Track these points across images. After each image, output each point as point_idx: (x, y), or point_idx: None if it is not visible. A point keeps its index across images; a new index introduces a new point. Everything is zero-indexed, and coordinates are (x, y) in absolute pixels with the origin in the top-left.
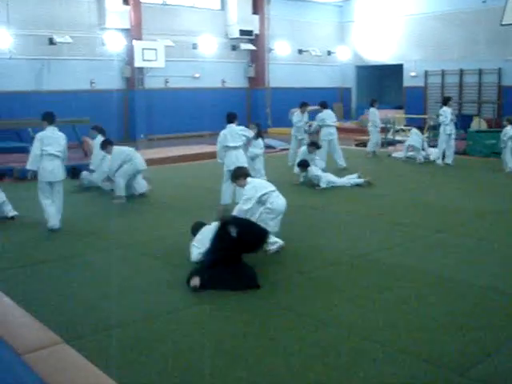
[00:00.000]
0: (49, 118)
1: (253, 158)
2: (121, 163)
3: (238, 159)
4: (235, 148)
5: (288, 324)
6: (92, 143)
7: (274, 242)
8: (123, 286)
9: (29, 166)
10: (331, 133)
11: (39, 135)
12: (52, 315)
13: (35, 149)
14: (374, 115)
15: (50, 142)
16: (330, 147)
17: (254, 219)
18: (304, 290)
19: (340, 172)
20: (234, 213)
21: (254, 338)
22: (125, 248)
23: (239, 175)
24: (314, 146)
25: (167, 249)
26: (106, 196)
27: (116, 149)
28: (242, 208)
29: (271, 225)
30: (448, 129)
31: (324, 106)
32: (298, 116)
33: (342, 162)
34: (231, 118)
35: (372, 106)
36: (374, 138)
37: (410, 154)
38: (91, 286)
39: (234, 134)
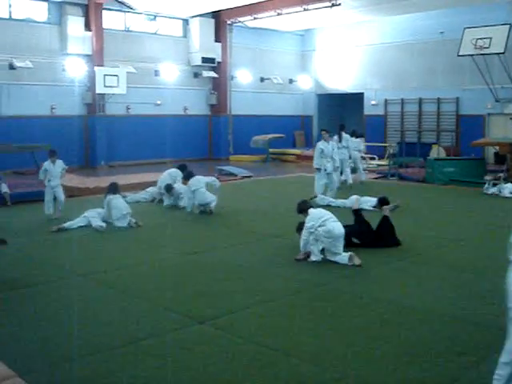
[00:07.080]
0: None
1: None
2: None
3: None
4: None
5: (250, 355)
6: None
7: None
8: (83, 317)
9: None
10: None
11: None
12: (5, 347)
13: None
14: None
15: None
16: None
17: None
18: (265, 318)
19: None
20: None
21: (215, 369)
22: (84, 277)
23: (302, 209)
24: None
25: (127, 279)
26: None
27: None
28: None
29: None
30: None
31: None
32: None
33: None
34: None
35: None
36: None
37: None
38: (49, 318)
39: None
